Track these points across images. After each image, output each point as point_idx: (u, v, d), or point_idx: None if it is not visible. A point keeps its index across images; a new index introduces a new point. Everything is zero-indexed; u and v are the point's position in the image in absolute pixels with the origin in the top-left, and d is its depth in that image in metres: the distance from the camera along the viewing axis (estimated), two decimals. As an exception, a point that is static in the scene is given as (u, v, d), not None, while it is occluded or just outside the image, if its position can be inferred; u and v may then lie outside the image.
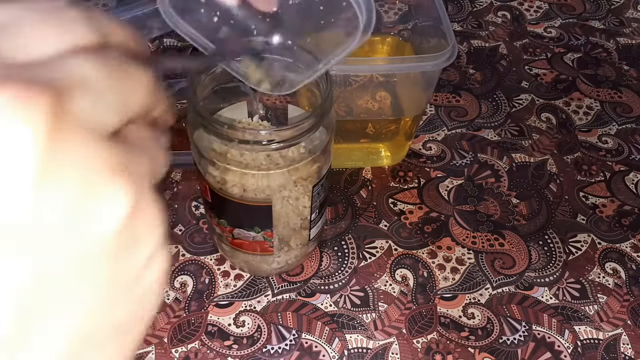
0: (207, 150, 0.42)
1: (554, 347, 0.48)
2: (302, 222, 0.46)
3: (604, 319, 0.50)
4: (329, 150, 0.44)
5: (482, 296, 0.51)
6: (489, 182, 0.59)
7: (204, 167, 0.43)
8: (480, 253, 0.54)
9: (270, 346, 0.47)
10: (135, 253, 0.15)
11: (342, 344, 0.48)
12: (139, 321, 0.16)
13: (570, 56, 0.73)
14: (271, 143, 0.38)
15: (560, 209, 0.57)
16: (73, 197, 0.13)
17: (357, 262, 0.53)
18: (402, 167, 0.60)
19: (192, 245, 0.53)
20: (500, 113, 0.66)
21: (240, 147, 0.39)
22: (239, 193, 0.42)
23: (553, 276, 0.52)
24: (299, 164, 0.42)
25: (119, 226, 0.14)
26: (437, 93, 0.68)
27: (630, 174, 0.61)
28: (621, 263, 0.53)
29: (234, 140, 0.38)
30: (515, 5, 0.81)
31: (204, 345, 0.47)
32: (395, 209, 0.57)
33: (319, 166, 0.43)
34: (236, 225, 0.45)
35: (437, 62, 0.48)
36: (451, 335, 0.48)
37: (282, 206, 0.43)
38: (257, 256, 0.48)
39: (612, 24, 0.78)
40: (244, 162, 0.42)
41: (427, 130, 0.64)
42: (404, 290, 0.51)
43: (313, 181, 0.43)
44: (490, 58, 0.73)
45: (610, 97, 0.68)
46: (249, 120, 0.47)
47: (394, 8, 0.63)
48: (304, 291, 0.51)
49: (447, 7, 0.79)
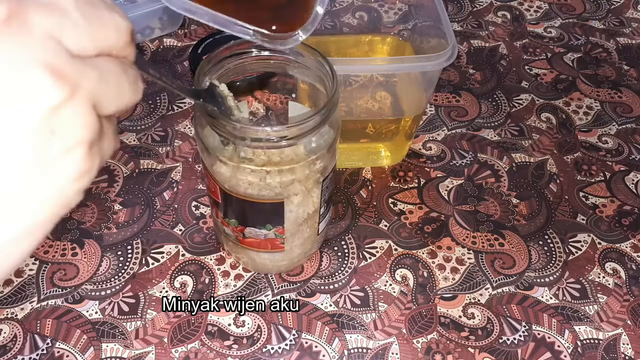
0: (215, 148, 0.42)
1: (554, 347, 0.48)
2: (313, 216, 0.46)
3: (604, 319, 0.50)
4: (335, 146, 0.44)
5: (482, 296, 0.51)
6: (489, 182, 0.59)
7: (211, 165, 0.43)
8: (480, 253, 0.54)
9: (270, 346, 0.47)
10: (54, 139, 0.18)
11: (342, 344, 0.48)
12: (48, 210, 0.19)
13: (570, 56, 0.73)
14: (282, 140, 0.39)
15: (560, 209, 0.57)
16: (6, 75, 0.17)
17: (357, 262, 0.53)
18: (402, 167, 0.60)
19: (192, 245, 0.53)
20: (500, 113, 0.66)
21: (252, 146, 0.40)
22: (251, 192, 0.42)
23: (553, 276, 0.52)
24: (309, 159, 0.42)
25: (46, 112, 0.18)
26: (437, 93, 0.68)
27: (630, 174, 0.61)
28: (621, 263, 0.53)
29: (246, 139, 0.38)
30: (515, 5, 0.81)
31: (204, 345, 0.47)
32: (395, 209, 0.57)
33: (328, 160, 0.44)
34: (248, 224, 0.45)
35: (437, 62, 0.48)
36: (451, 335, 0.48)
37: (294, 201, 0.44)
38: (266, 253, 0.49)
39: (612, 24, 0.78)
40: (255, 160, 0.42)
41: (427, 130, 0.64)
42: (404, 290, 0.51)
43: (323, 175, 0.44)
44: (490, 58, 0.73)
45: (610, 97, 0.68)
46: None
47: (394, 8, 0.63)
48: (304, 291, 0.51)
49: (447, 7, 0.79)
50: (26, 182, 0.18)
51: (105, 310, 0.49)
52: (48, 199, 0.19)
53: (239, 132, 0.38)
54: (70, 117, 0.18)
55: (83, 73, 0.19)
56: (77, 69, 0.18)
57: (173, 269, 0.52)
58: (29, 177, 0.18)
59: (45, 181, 0.19)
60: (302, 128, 0.38)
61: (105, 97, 0.20)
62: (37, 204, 0.19)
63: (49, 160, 0.18)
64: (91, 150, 0.19)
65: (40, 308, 0.49)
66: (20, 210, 0.19)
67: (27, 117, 0.17)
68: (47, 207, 0.19)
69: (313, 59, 0.42)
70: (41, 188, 0.19)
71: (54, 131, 0.18)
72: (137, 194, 0.57)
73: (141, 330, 0.48)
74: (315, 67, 0.43)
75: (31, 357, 0.46)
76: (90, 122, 0.19)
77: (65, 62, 0.18)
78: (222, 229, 0.48)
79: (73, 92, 0.18)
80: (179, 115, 0.64)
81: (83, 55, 0.19)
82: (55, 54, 0.18)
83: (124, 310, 0.49)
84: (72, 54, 0.19)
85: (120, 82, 0.21)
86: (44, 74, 0.17)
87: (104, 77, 0.20)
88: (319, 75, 0.43)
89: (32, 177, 0.18)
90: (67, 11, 0.19)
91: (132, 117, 0.64)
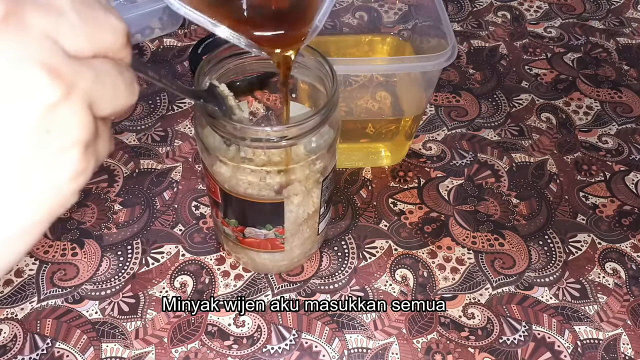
0: (215, 148, 0.42)
1: (554, 347, 0.48)
2: (313, 216, 0.46)
3: (604, 319, 0.50)
4: (335, 146, 0.44)
5: (482, 296, 0.51)
6: (489, 182, 0.59)
7: (211, 165, 0.43)
8: (480, 253, 0.54)
9: (270, 346, 0.47)
10: (50, 138, 0.18)
11: (342, 344, 0.48)
12: (45, 208, 0.19)
13: (570, 56, 0.73)
14: (282, 140, 0.39)
15: (560, 209, 0.57)
16: (3, 73, 0.17)
17: (357, 262, 0.53)
18: (402, 167, 0.60)
19: (192, 245, 0.53)
20: (500, 113, 0.66)
21: (252, 146, 0.40)
22: (251, 192, 0.42)
23: (553, 276, 0.52)
24: (309, 159, 0.42)
25: (42, 110, 0.18)
26: (437, 93, 0.68)
27: (630, 174, 0.61)
28: (621, 263, 0.53)
29: (246, 139, 0.38)
30: (515, 5, 0.81)
31: (204, 345, 0.47)
32: (395, 209, 0.57)
33: (328, 160, 0.44)
34: (248, 224, 0.45)
35: (437, 62, 0.48)
36: (451, 335, 0.48)
37: (294, 202, 0.44)
38: (266, 253, 0.49)
39: (612, 24, 0.78)
40: (255, 160, 0.42)
41: (427, 130, 0.64)
42: (404, 290, 0.51)
43: (323, 175, 0.44)
44: (490, 58, 0.73)
45: (610, 97, 0.68)
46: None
47: (394, 8, 0.63)
48: (304, 291, 0.51)
49: (447, 7, 0.79)
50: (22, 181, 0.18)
51: (105, 310, 0.49)
52: (44, 198, 0.19)
53: (239, 132, 0.38)
54: (66, 116, 0.18)
55: (79, 73, 0.19)
56: (73, 68, 0.18)
57: (173, 269, 0.52)
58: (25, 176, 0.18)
59: (41, 180, 0.19)
60: (302, 128, 0.38)
61: (101, 98, 0.20)
62: (32, 203, 0.19)
63: (45, 159, 0.18)
64: (87, 150, 0.19)
65: (40, 308, 0.49)
66: (16, 210, 0.19)
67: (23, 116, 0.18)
68: (43, 206, 0.19)
69: (313, 59, 0.42)
70: (37, 187, 0.19)
71: (50, 130, 0.18)
72: (137, 194, 0.57)
73: (141, 330, 0.48)
74: (315, 67, 0.43)
75: (31, 357, 0.46)
76: (86, 122, 0.19)
77: (61, 62, 0.18)
78: (222, 229, 0.48)
79: (69, 91, 0.18)
80: (179, 115, 0.64)
81: (79, 56, 0.19)
82: (52, 54, 0.18)
83: (124, 310, 0.49)
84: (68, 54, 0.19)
85: (117, 83, 0.21)
86: (41, 73, 0.17)
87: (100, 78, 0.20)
88: (319, 75, 0.43)
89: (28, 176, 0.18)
90: (63, 11, 0.19)
91: (132, 117, 0.64)
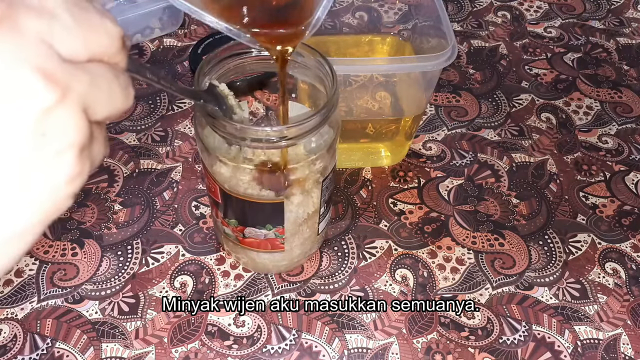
0: (215, 148, 0.42)
1: (554, 347, 0.48)
2: (312, 216, 0.46)
3: (604, 319, 0.50)
4: (335, 146, 0.44)
5: (482, 296, 0.51)
6: (489, 182, 0.59)
7: (211, 165, 0.43)
8: (480, 253, 0.54)
9: (270, 346, 0.47)
10: (45, 141, 0.18)
11: (342, 344, 0.48)
12: (42, 209, 0.19)
13: (570, 56, 0.73)
14: (282, 140, 0.39)
15: (560, 209, 0.57)
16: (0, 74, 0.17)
17: (357, 262, 0.53)
18: (402, 167, 0.60)
19: (192, 245, 0.53)
20: (500, 113, 0.66)
21: (252, 146, 0.40)
22: (251, 192, 0.42)
23: (553, 276, 0.52)
24: (309, 159, 0.42)
25: (38, 113, 0.18)
26: (437, 93, 0.68)
27: (630, 174, 0.61)
28: (621, 263, 0.53)
29: (246, 139, 0.38)
30: (515, 5, 0.81)
31: (204, 345, 0.47)
32: (395, 209, 0.57)
33: (327, 160, 0.44)
34: (247, 224, 0.45)
35: (437, 62, 0.48)
36: (451, 335, 0.48)
37: (293, 202, 0.44)
38: (266, 253, 0.49)
39: (612, 24, 0.78)
40: (255, 160, 0.42)
41: (427, 130, 0.64)
42: (404, 290, 0.51)
43: (323, 175, 0.44)
44: (490, 58, 0.73)
45: (610, 97, 0.68)
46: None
47: (394, 8, 0.63)
48: (304, 291, 0.51)
49: (447, 7, 0.79)
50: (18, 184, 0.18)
51: (105, 310, 0.49)
52: (40, 201, 0.19)
53: (239, 132, 0.38)
54: (61, 119, 0.18)
55: (74, 76, 0.19)
56: (68, 72, 0.18)
57: (173, 269, 0.52)
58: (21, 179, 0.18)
59: (37, 183, 0.19)
60: (301, 128, 0.38)
61: (97, 102, 0.20)
62: (28, 206, 0.19)
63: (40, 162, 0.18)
64: (82, 154, 0.19)
65: (40, 308, 0.49)
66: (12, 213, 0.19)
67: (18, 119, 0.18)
68: (39, 209, 0.19)
69: (313, 58, 0.42)
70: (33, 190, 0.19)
71: (45, 134, 0.18)
72: (137, 194, 0.57)
73: (141, 330, 0.48)
74: (315, 67, 0.43)
75: (31, 357, 0.46)
76: (81, 125, 0.19)
77: (56, 65, 0.18)
78: (222, 229, 0.48)
79: (64, 94, 0.18)
80: (179, 115, 0.64)
81: (75, 60, 0.19)
82: (47, 57, 0.18)
83: (124, 310, 0.49)
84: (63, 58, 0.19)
85: (112, 87, 0.21)
86: (36, 76, 0.17)
87: (95, 82, 0.20)
88: (318, 75, 0.43)
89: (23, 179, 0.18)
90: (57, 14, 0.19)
91: (132, 117, 0.64)
